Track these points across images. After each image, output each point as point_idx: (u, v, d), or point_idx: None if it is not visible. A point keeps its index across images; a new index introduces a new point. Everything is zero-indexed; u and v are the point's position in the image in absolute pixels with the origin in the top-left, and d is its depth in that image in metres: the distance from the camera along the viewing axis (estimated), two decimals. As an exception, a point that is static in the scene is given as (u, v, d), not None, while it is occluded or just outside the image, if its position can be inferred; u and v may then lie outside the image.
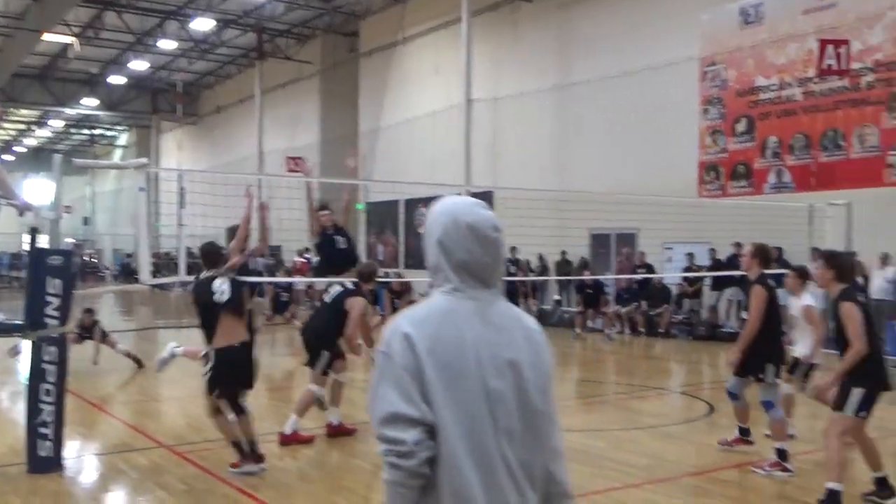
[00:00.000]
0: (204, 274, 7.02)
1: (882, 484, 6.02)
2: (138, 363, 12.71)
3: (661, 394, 11.61)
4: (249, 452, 6.87)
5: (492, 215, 2.42)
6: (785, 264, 16.30)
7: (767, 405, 7.13)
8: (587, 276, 18.53)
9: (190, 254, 9.49)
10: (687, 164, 19.08)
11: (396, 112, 28.40)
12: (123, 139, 54.15)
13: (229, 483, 6.62)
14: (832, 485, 5.62)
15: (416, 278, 25.10)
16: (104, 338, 12.79)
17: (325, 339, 8.10)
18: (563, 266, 20.90)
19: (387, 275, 27.65)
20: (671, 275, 18.62)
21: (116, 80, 40.62)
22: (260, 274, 16.49)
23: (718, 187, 18.66)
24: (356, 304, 8.00)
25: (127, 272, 42.30)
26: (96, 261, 54.29)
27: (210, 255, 7.17)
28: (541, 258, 21.42)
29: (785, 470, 6.83)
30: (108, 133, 54.74)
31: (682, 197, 17.88)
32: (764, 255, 7.39)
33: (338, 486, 6.61)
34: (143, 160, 7.88)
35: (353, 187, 10.12)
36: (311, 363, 8.09)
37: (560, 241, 18.40)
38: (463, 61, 24.08)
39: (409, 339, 2.26)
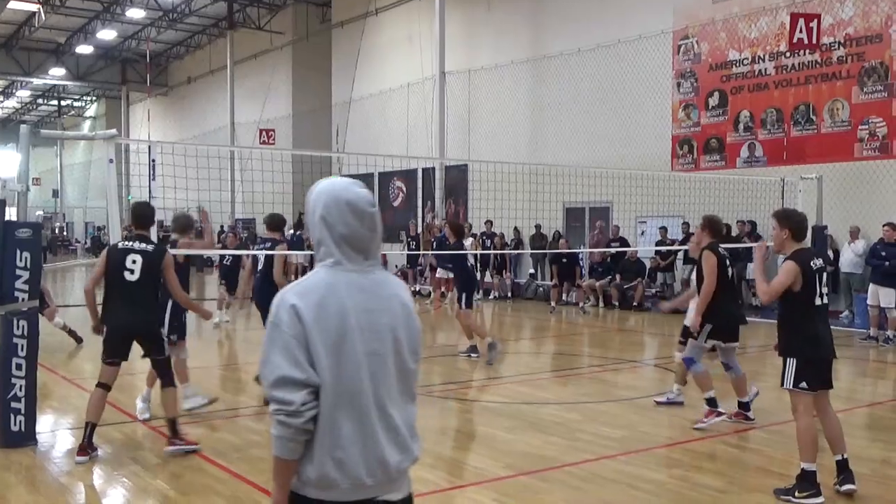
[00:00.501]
0: (123, 243, 6.60)
1: (845, 467, 5.80)
2: (76, 339, 12.21)
3: (635, 366, 11.71)
4: (170, 429, 6.69)
5: (367, 192, 2.68)
6: (758, 238, 16.52)
7: (688, 362, 7.64)
8: (562, 250, 18.59)
9: (162, 227, 9.40)
10: (660, 138, 19.15)
11: (370, 84, 28.18)
12: (92, 110, 53.32)
13: (204, 457, 6.60)
14: (805, 465, 5.61)
15: (389, 251, 25.09)
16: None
17: None
18: (538, 239, 20.96)
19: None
20: (644, 248, 18.73)
21: (84, 49, 39.90)
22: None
23: (691, 161, 18.76)
24: None
25: (98, 245, 41.83)
26: (66, 234, 53.69)
27: (140, 218, 6.75)
28: (516, 231, 21.47)
29: (719, 414, 7.51)
30: (77, 104, 53.86)
31: (656, 171, 17.98)
32: (713, 226, 7.75)
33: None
34: (112, 131, 7.74)
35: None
36: None
37: (534, 214, 18.44)
38: (436, 33, 23.89)
39: (296, 309, 2.50)
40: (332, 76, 30.56)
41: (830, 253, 14.99)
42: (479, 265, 20.90)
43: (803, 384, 5.61)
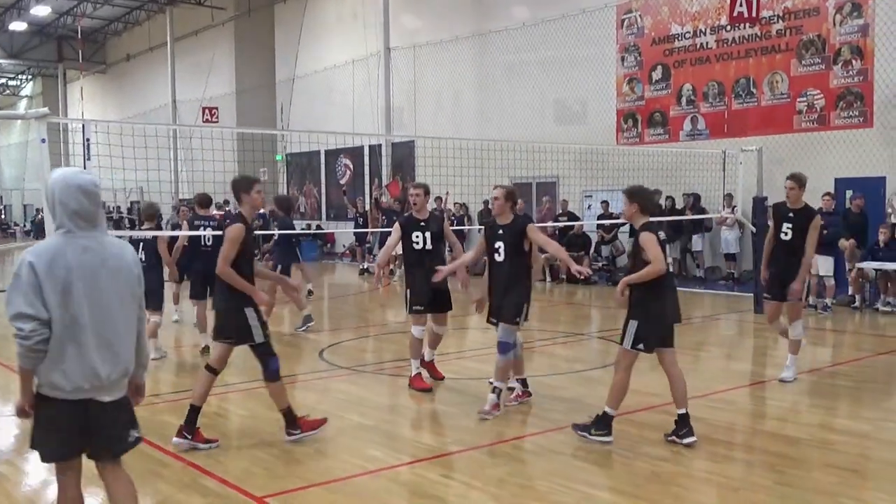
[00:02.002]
0: None
1: (682, 421, 6.25)
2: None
3: (582, 339, 11.83)
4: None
5: (92, 177, 3.71)
6: (702, 210, 16.78)
7: (506, 347, 7.20)
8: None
9: (104, 207, 9.14)
10: (605, 112, 19.28)
11: (314, 60, 27.84)
12: (28, 89, 51.78)
13: (148, 441, 6.48)
14: (608, 409, 6.29)
15: (339, 230, 24.93)
16: None
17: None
18: (486, 215, 20.94)
19: (309, 227, 27.40)
20: (588, 222, 18.90)
21: (18, 26, 38.65)
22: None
23: (636, 135, 18.93)
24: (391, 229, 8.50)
25: (40, 228, 40.80)
26: (4, 216, 52.25)
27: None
28: (465, 208, 21.47)
29: (499, 407, 7.21)
30: (12, 83, 52.22)
31: (601, 145, 18.10)
32: (515, 198, 7.38)
33: (266, 443, 6.55)
34: (45, 110, 7.51)
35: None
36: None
37: (482, 190, 18.45)
38: (380, 8, 23.65)
39: (32, 265, 3.53)
40: (275, 53, 30.09)
41: (771, 223, 15.27)
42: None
43: (640, 346, 6.18)
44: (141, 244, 9.79)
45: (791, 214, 8.48)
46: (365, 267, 21.35)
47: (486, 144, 16.97)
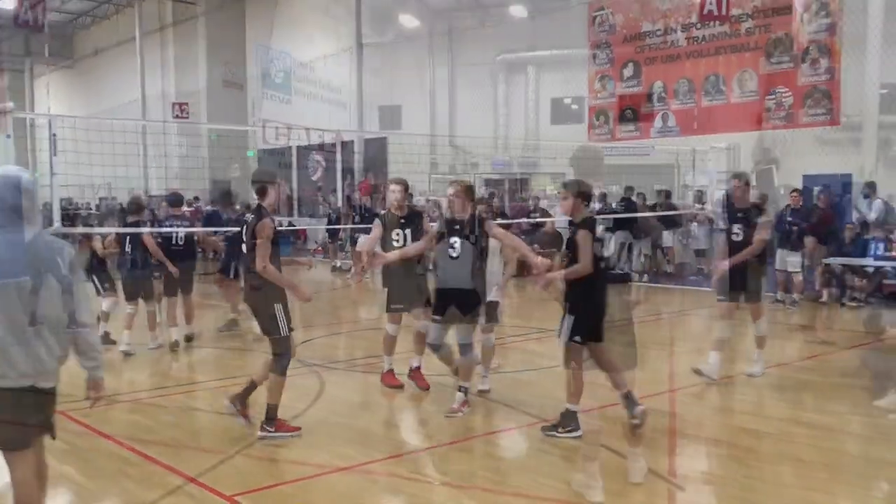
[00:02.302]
0: None
1: (627, 399, 6.17)
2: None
3: (554, 336, 11.83)
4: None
5: (28, 176, 3.87)
6: (671, 206, 16.90)
7: (467, 348, 7.10)
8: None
9: (72, 204, 9.06)
10: (578, 109, 19.36)
11: (286, 55, 27.64)
12: (-7, 84, 50.99)
13: (115, 440, 6.42)
14: (569, 405, 6.33)
15: (311, 226, 24.79)
16: None
17: None
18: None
19: (280, 224, 27.26)
20: (560, 218, 18.93)
21: (-16, 20, 38.00)
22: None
23: (607, 132, 19.02)
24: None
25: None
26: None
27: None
28: (438, 205, 21.45)
29: (468, 405, 7.11)
30: (-24, 77, 51.42)
31: (574, 142, 18.18)
32: (473, 194, 7.24)
33: (236, 440, 6.50)
34: (10, 104, 7.40)
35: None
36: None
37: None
38: (353, 4, 23.57)
39: None
40: (246, 48, 29.88)
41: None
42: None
43: (577, 338, 6.16)
44: (128, 238, 9.73)
45: (739, 214, 8.21)
46: (337, 264, 21.25)
47: (458, 140, 17.00)
